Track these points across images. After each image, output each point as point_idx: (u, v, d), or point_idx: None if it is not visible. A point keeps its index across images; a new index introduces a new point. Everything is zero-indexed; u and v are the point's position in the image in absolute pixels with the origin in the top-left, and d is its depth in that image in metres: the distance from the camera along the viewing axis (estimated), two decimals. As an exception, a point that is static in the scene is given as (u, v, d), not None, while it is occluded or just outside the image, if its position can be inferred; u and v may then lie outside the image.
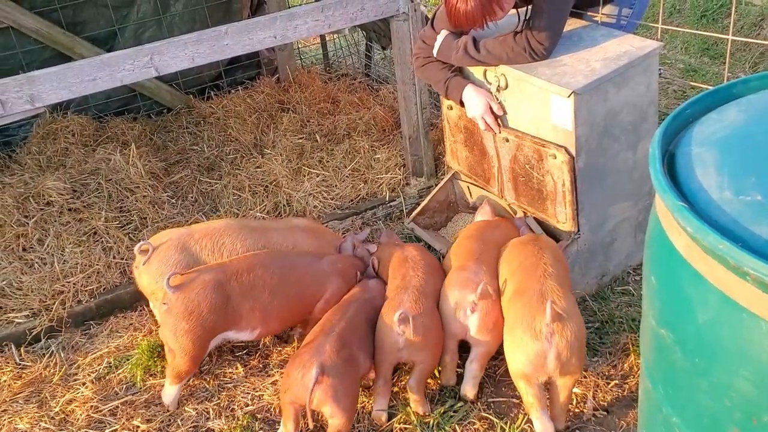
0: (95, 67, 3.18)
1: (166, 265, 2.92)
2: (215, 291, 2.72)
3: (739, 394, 1.27)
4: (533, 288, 2.52)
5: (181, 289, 2.71)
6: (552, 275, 2.56)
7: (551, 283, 2.52)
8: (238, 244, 3.04)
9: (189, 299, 2.69)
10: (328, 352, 2.50)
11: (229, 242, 3.03)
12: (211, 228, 3.09)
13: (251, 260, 2.88)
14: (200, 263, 2.96)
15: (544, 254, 2.68)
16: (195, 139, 4.77)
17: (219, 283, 2.74)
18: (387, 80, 5.40)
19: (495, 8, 2.70)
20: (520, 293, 2.56)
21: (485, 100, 3.07)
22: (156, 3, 4.95)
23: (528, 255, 2.71)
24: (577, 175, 2.86)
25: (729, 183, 1.34)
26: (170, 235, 3.03)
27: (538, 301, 2.44)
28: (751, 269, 1.15)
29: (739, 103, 1.62)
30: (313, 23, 3.51)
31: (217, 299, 2.72)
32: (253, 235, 3.09)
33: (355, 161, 4.27)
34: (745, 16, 5.79)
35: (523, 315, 2.45)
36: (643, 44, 2.88)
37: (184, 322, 2.68)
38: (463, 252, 2.91)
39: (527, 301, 2.49)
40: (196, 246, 3.00)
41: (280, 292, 2.85)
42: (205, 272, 2.78)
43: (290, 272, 2.91)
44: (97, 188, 4.10)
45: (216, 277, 2.76)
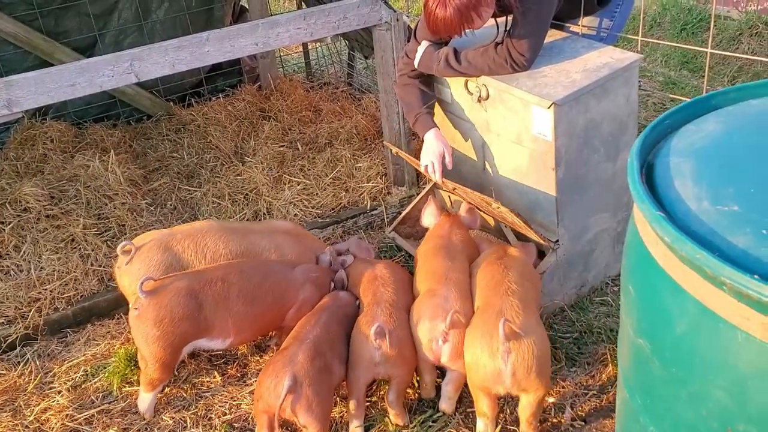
0: (74, 73, 3.14)
1: (147, 266, 2.89)
2: (187, 298, 2.70)
3: (716, 404, 1.27)
4: (494, 305, 2.52)
5: (153, 294, 2.68)
6: (514, 292, 2.56)
7: (512, 300, 2.52)
8: (220, 245, 3.02)
9: (161, 305, 2.66)
10: (301, 361, 2.48)
11: (211, 243, 3.01)
12: (194, 229, 3.06)
13: (225, 269, 2.86)
14: (183, 264, 2.94)
15: (509, 272, 2.68)
16: (175, 147, 4.74)
17: (192, 291, 2.72)
18: (369, 89, 5.40)
19: (473, 16, 2.71)
20: (482, 310, 2.58)
21: (441, 150, 3.10)
22: (137, 9, 4.93)
23: (494, 273, 2.71)
24: (557, 185, 2.87)
25: (707, 193, 1.34)
26: (153, 236, 3.01)
27: (496, 318, 2.42)
28: (727, 279, 1.15)
29: (717, 114, 1.63)
30: (295, 31, 3.51)
31: (188, 307, 2.69)
32: (236, 237, 3.07)
33: (337, 170, 4.26)
34: (723, 30, 5.88)
35: (482, 332, 2.45)
36: (624, 56, 2.90)
37: (155, 328, 2.65)
38: (431, 272, 2.85)
39: (486, 319, 2.49)
40: (179, 247, 2.97)
41: (254, 301, 2.84)
42: (179, 279, 2.76)
43: (264, 281, 2.89)
44: (75, 195, 4.06)
45: (189, 284, 2.74)
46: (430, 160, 3.11)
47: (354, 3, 3.60)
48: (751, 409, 1.22)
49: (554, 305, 3.15)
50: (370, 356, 2.58)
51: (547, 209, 2.98)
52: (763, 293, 1.10)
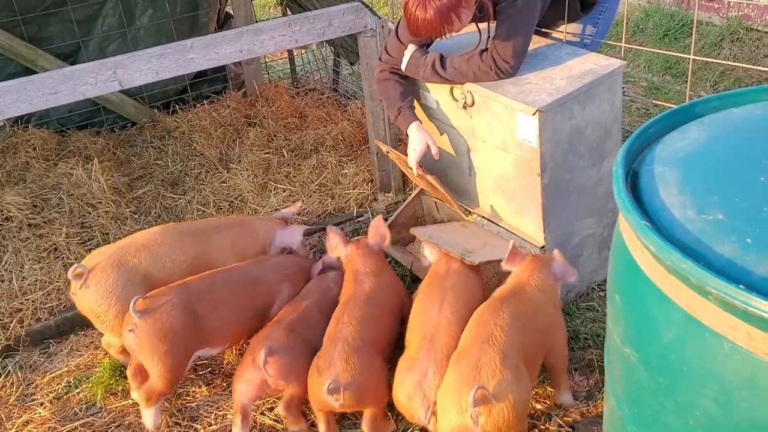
0: (57, 80, 3.12)
1: (104, 285, 2.82)
2: (183, 310, 2.69)
3: (703, 413, 1.27)
4: (472, 355, 2.29)
5: (149, 313, 2.65)
6: (497, 343, 2.30)
7: (492, 354, 2.26)
8: (177, 251, 3.00)
9: (161, 321, 2.64)
10: (276, 336, 2.62)
11: (168, 250, 2.98)
12: (147, 239, 3.00)
13: (211, 278, 2.89)
14: (141, 278, 2.89)
15: (501, 313, 2.41)
16: (159, 154, 4.71)
17: (186, 303, 2.72)
18: (355, 95, 5.40)
19: (453, 17, 2.71)
20: (460, 356, 2.35)
21: (420, 145, 3.12)
22: (121, 16, 4.90)
23: (484, 312, 2.47)
24: (542, 191, 2.88)
25: (691, 202, 1.35)
26: (103, 254, 2.92)
27: (469, 374, 2.23)
28: (713, 288, 1.15)
29: (700, 122, 1.64)
30: (280, 38, 3.50)
31: (187, 318, 2.69)
32: (191, 241, 3.06)
33: (323, 176, 4.25)
34: (705, 35, 5.93)
35: (455, 385, 2.25)
36: (607, 62, 2.92)
37: (162, 344, 2.63)
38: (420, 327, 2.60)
39: (461, 370, 2.28)
40: (134, 260, 2.91)
41: (243, 307, 2.88)
42: (169, 294, 2.74)
43: (247, 286, 2.93)
44: (58, 203, 4.02)
45: (182, 297, 2.73)
46: (412, 151, 3.16)
47: (339, 10, 3.60)
48: (738, 418, 1.22)
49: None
50: (325, 401, 2.47)
51: (533, 215, 2.99)
52: (748, 302, 1.11)
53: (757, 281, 1.15)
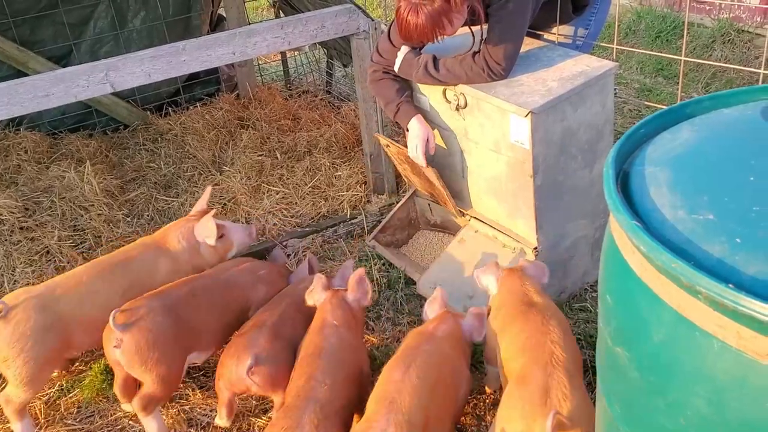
0: (48, 83, 3.11)
1: (23, 328, 2.60)
2: (168, 315, 2.64)
3: (694, 413, 1.27)
4: (536, 379, 2.12)
5: (132, 324, 2.55)
6: (560, 362, 2.17)
7: (559, 374, 2.12)
8: (105, 286, 2.83)
9: (147, 329, 2.56)
10: (262, 344, 2.56)
11: (93, 288, 2.82)
12: (71, 280, 2.83)
13: (188, 286, 2.83)
14: (65, 321, 2.71)
15: (551, 327, 2.29)
16: (152, 156, 4.70)
17: (168, 308, 2.66)
18: (348, 98, 5.40)
19: (444, 22, 2.72)
20: (521, 382, 2.16)
21: (426, 134, 3.12)
22: (113, 18, 4.89)
23: (533, 329, 2.31)
24: (535, 192, 2.88)
25: (682, 202, 1.35)
26: (27, 294, 2.71)
27: (540, 398, 2.07)
28: (703, 288, 1.16)
29: (691, 122, 1.64)
30: (273, 40, 3.50)
31: (172, 322, 2.65)
32: (116, 272, 2.90)
33: (316, 178, 4.25)
34: (697, 37, 5.95)
35: (521, 413, 2.07)
36: (599, 64, 2.92)
37: (152, 352, 2.55)
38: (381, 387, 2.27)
39: (529, 396, 2.09)
40: (59, 302, 2.72)
41: (222, 311, 2.87)
42: (147, 302, 2.66)
43: (225, 290, 2.92)
44: (50, 206, 4.01)
45: (162, 303, 2.67)
46: (414, 143, 3.13)
47: (332, 12, 3.60)
48: (729, 417, 1.23)
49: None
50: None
51: (526, 216, 2.99)
52: (737, 302, 1.11)
53: (746, 280, 1.15)
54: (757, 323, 1.12)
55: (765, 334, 1.13)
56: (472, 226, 3.31)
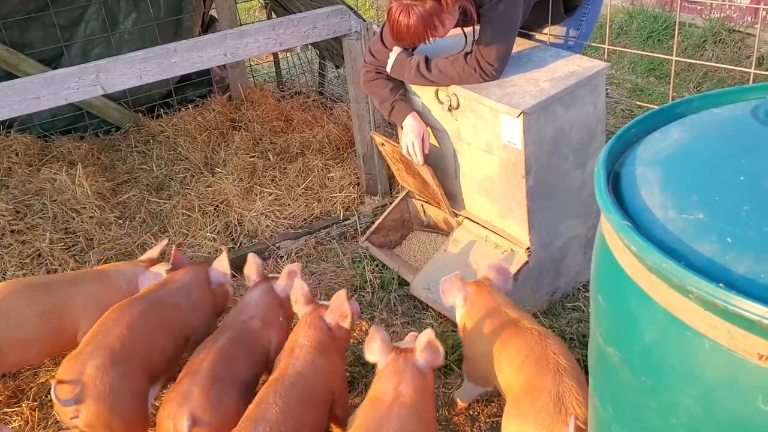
0: (39, 85, 3.10)
1: None
2: (117, 366, 2.39)
3: (685, 413, 1.27)
4: (546, 388, 2.12)
5: (84, 395, 2.32)
6: (567, 370, 2.18)
7: (569, 382, 2.12)
8: (23, 304, 2.73)
9: (104, 395, 2.33)
10: (197, 397, 2.28)
11: (13, 306, 2.71)
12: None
13: (123, 321, 2.54)
14: None
15: (549, 341, 2.30)
16: (144, 158, 4.69)
17: (113, 358, 2.41)
18: (341, 99, 5.39)
19: (436, 23, 2.72)
20: (531, 393, 2.15)
21: (422, 131, 3.12)
22: (104, 20, 4.88)
23: (531, 347, 2.30)
24: (527, 193, 2.89)
25: (672, 202, 1.35)
26: None
27: (555, 407, 2.07)
28: (693, 287, 1.16)
29: (681, 122, 1.65)
30: (264, 41, 3.49)
31: (122, 372, 2.40)
32: (42, 293, 2.80)
33: (309, 180, 4.24)
34: (688, 37, 5.97)
35: (537, 423, 2.07)
36: (591, 64, 2.93)
37: (114, 415, 2.37)
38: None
39: (542, 405, 2.09)
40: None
41: (165, 337, 2.64)
42: (88, 357, 2.39)
43: (164, 316, 2.67)
44: (41, 209, 4.00)
45: (105, 354, 2.40)
46: (410, 140, 3.12)
47: (323, 13, 3.59)
48: (719, 416, 1.23)
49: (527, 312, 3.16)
50: None
51: (519, 217, 2.99)
52: (728, 301, 1.11)
53: (737, 280, 1.15)
54: (747, 322, 1.12)
55: (756, 333, 1.14)
56: (465, 227, 3.31)
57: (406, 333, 3.15)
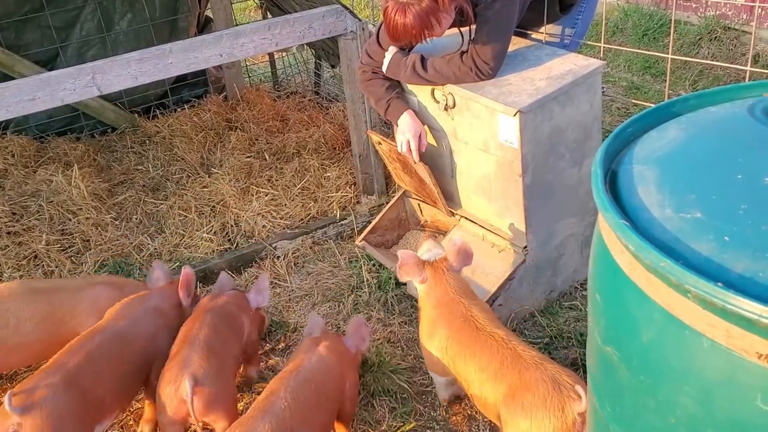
0: (34, 87, 3.09)
1: None
2: (68, 390, 2.34)
3: (684, 411, 1.27)
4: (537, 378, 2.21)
5: (31, 407, 2.25)
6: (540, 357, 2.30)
7: (549, 364, 2.25)
8: (24, 307, 2.74)
9: (47, 413, 2.26)
10: (197, 362, 2.41)
11: (14, 307, 2.73)
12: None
13: (85, 348, 2.50)
14: None
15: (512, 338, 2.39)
16: (140, 159, 4.68)
17: (68, 382, 2.36)
18: (337, 98, 5.39)
19: (432, 22, 2.71)
20: (525, 389, 2.22)
21: (418, 129, 3.11)
22: (100, 21, 4.87)
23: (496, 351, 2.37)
24: (524, 192, 2.89)
25: (670, 200, 1.35)
26: None
27: (553, 388, 2.17)
28: (691, 286, 1.16)
29: (678, 121, 1.65)
30: (260, 41, 3.48)
31: (74, 397, 2.34)
32: (41, 297, 2.80)
33: (305, 180, 4.23)
34: (684, 35, 5.97)
35: (546, 410, 2.14)
36: (587, 63, 2.93)
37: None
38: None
39: (542, 393, 2.18)
40: None
41: (126, 369, 2.57)
42: (45, 378, 2.36)
43: (125, 345, 2.60)
44: (37, 210, 3.99)
45: (61, 378, 2.36)
46: (406, 138, 3.11)
47: (319, 13, 3.59)
48: (718, 415, 1.23)
49: (524, 311, 3.16)
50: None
51: (516, 215, 2.99)
52: (726, 300, 1.11)
53: (735, 279, 1.15)
54: (746, 321, 1.12)
55: (754, 332, 1.14)
56: (462, 226, 3.31)
57: (403, 333, 3.17)
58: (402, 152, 3.16)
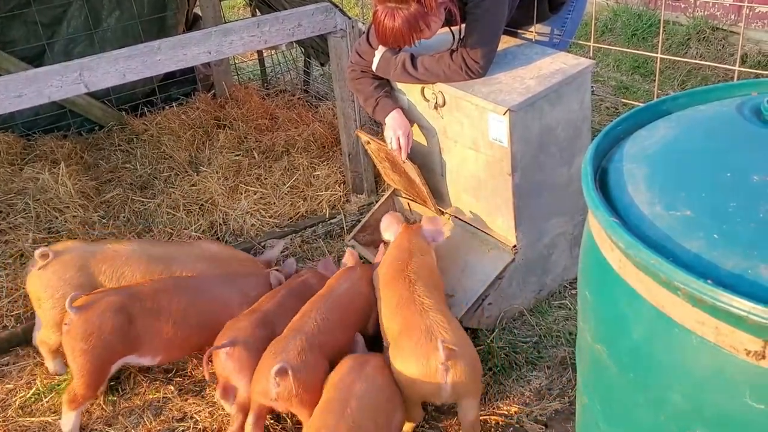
0: (21, 83, 3.06)
1: (58, 280, 2.86)
2: (117, 314, 2.67)
3: (674, 409, 1.28)
4: (418, 325, 2.49)
5: (83, 309, 2.65)
6: (431, 307, 2.55)
7: (435, 315, 2.51)
8: (137, 274, 2.96)
9: (90, 320, 2.64)
10: (243, 328, 2.62)
11: (129, 272, 2.96)
12: (116, 254, 2.99)
13: (159, 286, 2.84)
14: (94, 286, 2.89)
15: (417, 287, 2.66)
16: (128, 157, 4.65)
17: (122, 307, 2.69)
18: (326, 96, 5.37)
19: (421, 25, 2.72)
20: (406, 333, 2.51)
21: (407, 127, 3.11)
22: (87, 18, 4.83)
23: (402, 292, 2.67)
24: (513, 190, 2.89)
25: (660, 198, 1.35)
26: (74, 249, 2.95)
27: (426, 338, 2.43)
28: (681, 284, 1.16)
29: (668, 119, 1.65)
30: (249, 39, 3.47)
31: (118, 322, 2.67)
32: (156, 266, 3.00)
33: (294, 178, 4.22)
34: (673, 35, 6.00)
35: (416, 357, 2.42)
36: (577, 62, 2.93)
37: (83, 342, 2.62)
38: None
39: (416, 340, 2.44)
40: (95, 269, 2.92)
41: (183, 322, 2.80)
42: (110, 294, 2.74)
43: (196, 301, 2.85)
44: (24, 208, 3.95)
45: (120, 299, 2.71)
46: (396, 134, 3.10)
47: (308, 10, 3.58)
48: (707, 412, 1.23)
49: (514, 309, 3.17)
50: (266, 389, 2.46)
51: (505, 214, 2.99)
52: (715, 297, 1.11)
53: (724, 276, 1.15)
54: (735, 318, 1.12)
55: (743, 329, 1.14)
56: (451, 225, 3.30)
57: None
58: (392, 149, 3.15)
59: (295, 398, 2.42)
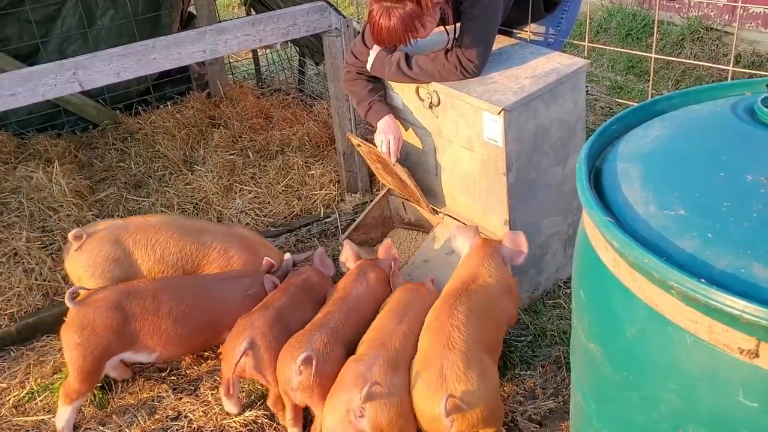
0: (15, 82, 3.05)
1: (95, 257, 2.92)
2: (113, 310, 2.69)
3: (667, 407, 1.28)
4: (435, 364, 2.29)
5: (80, 304, 2.70)
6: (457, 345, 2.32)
7: (454, 358, 2.28)
8: (171, 243, 3.02)
9: (85, 314, 2.68)
10: (260, 326, 2.62)
11: (162, 240, 3.01)
12: (148, 223, 3.06)
13: (159, 285, 2.85)
14: (131, 259, 2.97)
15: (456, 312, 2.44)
16: (122, 156, 4.64)
17: (119, 303, 2.72)
18: (321, 96, 5.37)
19: (417, 25, 2.72)
20: (425, 364, 2.33)
21: (396, 132, 3.12)
22: (81, 16, 4.81)
23: (439, 313, 2.48)
24: (508, 190, 2.89)
25: (653, 198, 1.36)
26: (106, 226, 3.02)
27: (437, 383, 2.25)
28: (675, 283, 1.16)
29: (662, 119, 1.66)
30: (244, 38, 3.46)
31: (113, 318, 2.69)
32: (188, 235, 3.06)
33: (289, 177, 4.22)
34: (667, 35, 6.02)
35: (423, 397, 2.27)
36: (571, 62, 2.94)
37: (77, 336, 2.65)
38: (374, 332, 2.59)
39: (426, 380, 2.28)
40: (130, 240, 2.98)
41: (184, 321, 2.80)
42: (108, 291, 2.77)
43: (197, 302, 2.85)
44: (18, 207, 3.94)
45: (117, 297, 2.74)
46: (387, 138, 3.11)
47: (303, 9, 3.58)
48: (700, 410, 1.24)
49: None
50: (288, 378, 2.48)
51: (499, 214, 3.00)
52: (709, 296, 1.12)
53: (717, 275, 1.16)
54: (728, 317, 1.13)
55: (736, 327, 1.15)
56: (446, 224, 3.31)
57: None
58: (382, 152, 3.15)
59: (317, 388, 2.44)
